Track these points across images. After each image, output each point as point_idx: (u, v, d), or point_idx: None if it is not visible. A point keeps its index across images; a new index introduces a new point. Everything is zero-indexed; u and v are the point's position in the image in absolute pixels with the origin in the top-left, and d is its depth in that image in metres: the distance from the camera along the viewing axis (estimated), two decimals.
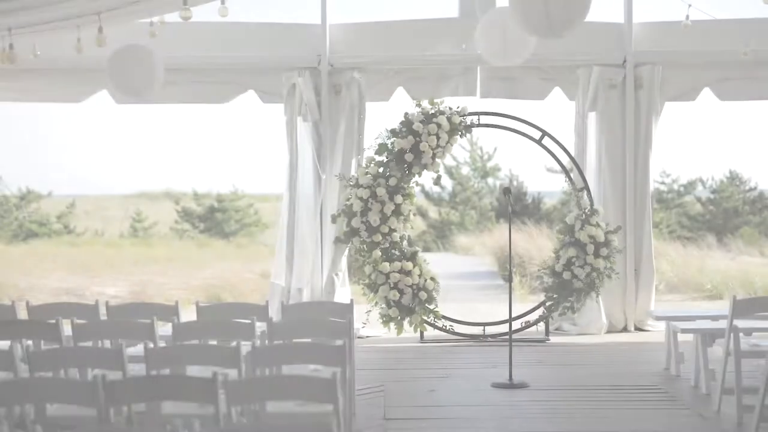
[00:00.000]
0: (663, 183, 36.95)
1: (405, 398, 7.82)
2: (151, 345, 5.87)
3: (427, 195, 33.59)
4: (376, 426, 6.93)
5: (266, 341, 6.14)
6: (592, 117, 11.00)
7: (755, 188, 32.55)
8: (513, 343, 10.03)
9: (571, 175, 10.70)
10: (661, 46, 11.00)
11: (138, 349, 6.15)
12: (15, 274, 17.46)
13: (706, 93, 11.08)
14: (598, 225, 10.21)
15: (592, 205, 10.45)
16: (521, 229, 18.20)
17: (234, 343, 5.23)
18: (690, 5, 9.89)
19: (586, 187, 10.60)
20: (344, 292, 11.03)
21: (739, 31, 10.40)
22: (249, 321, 6.07)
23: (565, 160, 10.82)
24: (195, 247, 25.64)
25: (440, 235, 30.14)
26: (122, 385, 4.42)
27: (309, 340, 6.61)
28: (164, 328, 6.45)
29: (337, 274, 10.86)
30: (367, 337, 10.80)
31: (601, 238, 10.15)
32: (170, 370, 5.28)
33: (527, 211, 29.04)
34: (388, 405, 7.54)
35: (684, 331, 8.19)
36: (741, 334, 8.30)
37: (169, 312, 6.76)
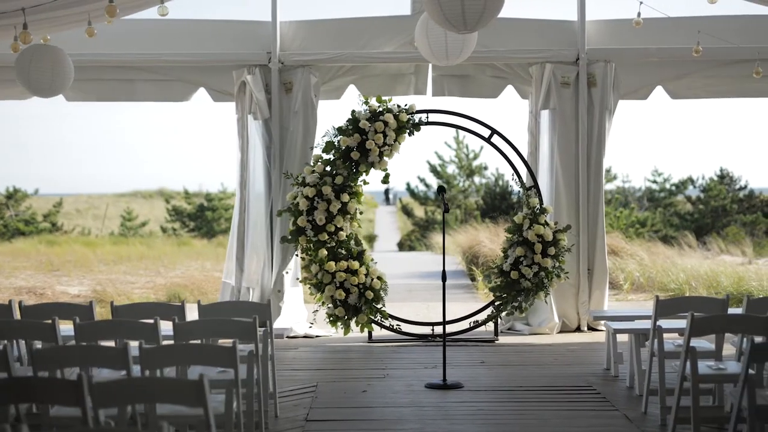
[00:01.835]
0: (655, 182, 36.90)
1: (335, 399, 7.74)
2: (52, 344, 5.80)
3: (413, 194, 33.51)
4: (296, 427, 6.85)
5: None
6: (544, 115, 10.89)
7: (745, 187, 32.47)
8: (461, 343, 10.10)
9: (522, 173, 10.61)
10: (614, 43, 10.93)
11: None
12: None
13: (659, 91, 11.03)
14: (546, 224, 10.11)
15: (541, 203, 10.35)
16: (488, 227, 18.08)
17: (122, 344, 5.13)
18: (642, 2, 9.78)
19: (535, 186, 10.50)
20: (295, 291, 10.97)
21: (691, 30, 10.30)
22: (153, 321, 6.00)
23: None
24: (175, 245, 25.56)
25: (425, 234, 30.07)
26: None
27: (228, 341, 6.55)
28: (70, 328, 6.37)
29: (287, 273, 10.78)
30: (317, 336, 10.72)
31: (550, 237, 10.04)
32: (56, 371, 5.20)
33: (514, 210, 28.95)
34: (315, 406, 7.46)
35: (617, 331, 8.13)
36: (676, 335, 8.25)
37: (82, 312, 6.68)
